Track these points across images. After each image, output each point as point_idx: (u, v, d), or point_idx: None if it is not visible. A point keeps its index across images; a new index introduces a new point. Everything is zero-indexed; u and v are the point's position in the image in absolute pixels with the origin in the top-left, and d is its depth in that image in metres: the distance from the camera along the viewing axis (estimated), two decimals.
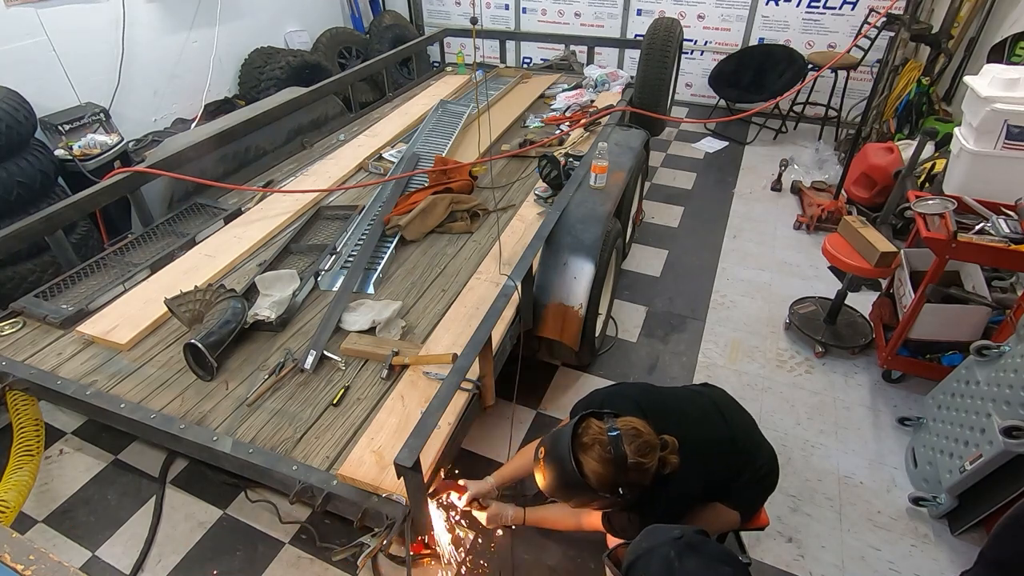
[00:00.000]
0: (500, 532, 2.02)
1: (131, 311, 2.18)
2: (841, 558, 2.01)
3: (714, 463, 1.57)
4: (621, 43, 5.17)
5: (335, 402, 1.82)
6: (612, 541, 1.62)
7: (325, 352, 1.98)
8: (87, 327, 2.10)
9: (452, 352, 1.89)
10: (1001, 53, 3.76)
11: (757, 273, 3.50)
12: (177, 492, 2.23)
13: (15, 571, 0.71)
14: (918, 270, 2.60)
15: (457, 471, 2.07)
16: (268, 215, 2.80)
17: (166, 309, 2.10)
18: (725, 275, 3.48)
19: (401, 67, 5.74)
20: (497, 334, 1.98)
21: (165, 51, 4.24)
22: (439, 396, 1.47)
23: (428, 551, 1.84)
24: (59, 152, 3.26)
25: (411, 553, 1.84)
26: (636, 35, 5.68)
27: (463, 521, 1.95)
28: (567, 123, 3.67)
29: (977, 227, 2.27)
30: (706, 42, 5.66)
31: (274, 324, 2.10)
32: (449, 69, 4.99)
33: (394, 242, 2.57)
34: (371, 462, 1.58)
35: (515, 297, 1.96)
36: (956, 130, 2.76)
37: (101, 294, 2.27)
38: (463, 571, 1.91)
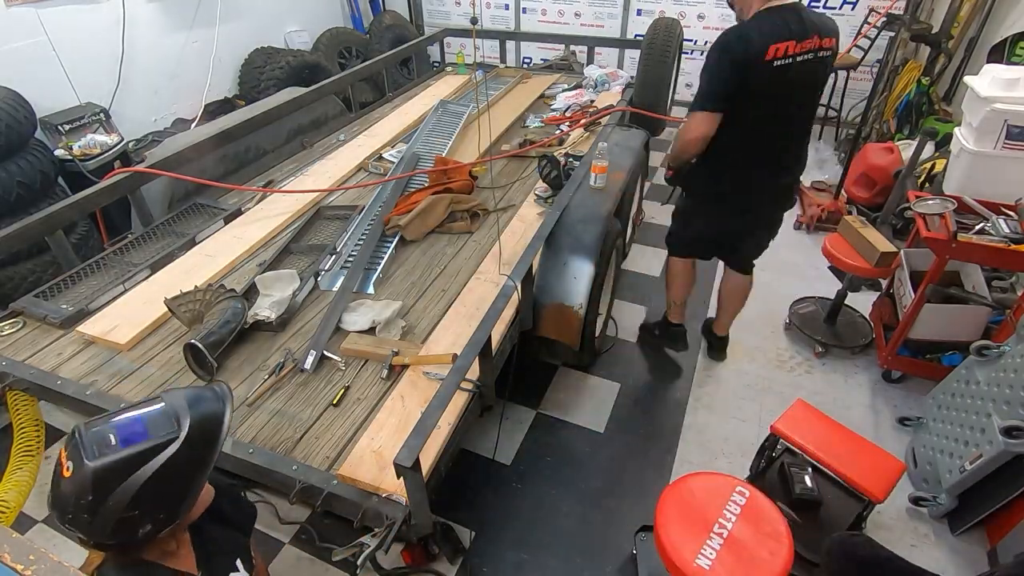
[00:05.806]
0: None
1: (131, 311, 2.18)
2: None
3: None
4: (621, 43, 5.16)
5: (335, 402, 1.82)
6: None
7: (325, 352, 1.98)
8: (87, 327, 2.10)
9: (452, 352, 1.88)
10: (1001, 53, 3.76)
11: (757, 273, 3.47)
12: None
13: (15, 571, 0.71)
14: (918, 270, 2.60)
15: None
16: (268, 215, 2.80)
17: (166, 309, 2.10)
18: None
19: (401, 67, 5.73)
20: (497, 334, 1.98)
21: (165, 51, 4.24)
22: (439, 396, 1.47)
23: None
24: (59, 152, 3.26)
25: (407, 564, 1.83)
26: (636, 35, 5.68)
27: None
28: (567, 123, 3.67)
29: (977, 227, 2.27)
30: (706, 42, 5.65)
31: (274, 324, 2.10)
32: (449, 69, 4.99)
33: (394, 242, 2.57)
34: (371, 462, 1.58)
35: (515, 297, 1.96)
36: (956, 130, 2.77)
37: (101, 294, 2.27)
38: None
